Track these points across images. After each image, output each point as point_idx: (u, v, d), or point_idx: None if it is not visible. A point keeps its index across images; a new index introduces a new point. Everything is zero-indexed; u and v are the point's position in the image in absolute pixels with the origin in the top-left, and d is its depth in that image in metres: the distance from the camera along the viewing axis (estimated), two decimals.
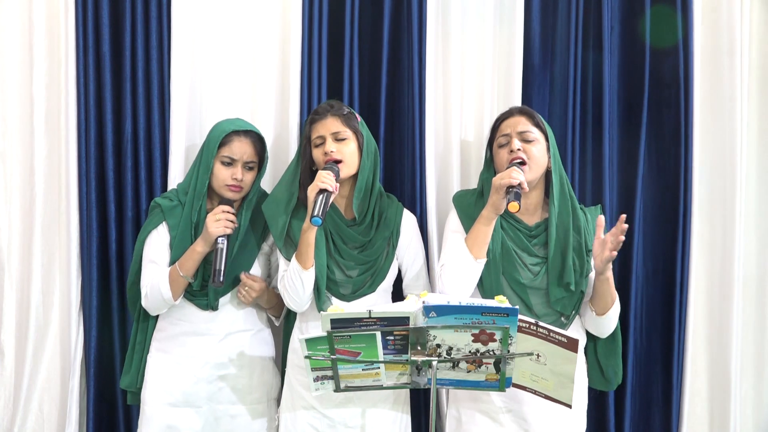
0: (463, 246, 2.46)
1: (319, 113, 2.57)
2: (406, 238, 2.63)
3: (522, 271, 2.51)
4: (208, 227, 2.49)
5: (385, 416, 2.56)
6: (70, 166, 2.86)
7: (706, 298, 3.01)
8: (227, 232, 2.49)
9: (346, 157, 2.51)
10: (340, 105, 2.59)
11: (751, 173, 3.03)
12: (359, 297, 2.57)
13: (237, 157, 2.58)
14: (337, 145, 2.51)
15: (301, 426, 2.55)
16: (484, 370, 2.23)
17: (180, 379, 2.59)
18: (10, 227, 2.92)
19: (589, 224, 2.56)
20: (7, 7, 2.89)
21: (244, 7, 2.93)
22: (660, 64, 2.96)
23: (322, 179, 2.39)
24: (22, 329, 2.92)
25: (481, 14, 2.95)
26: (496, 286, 2.50)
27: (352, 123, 2.55)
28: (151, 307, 2.59)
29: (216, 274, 2.44)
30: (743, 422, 3.02)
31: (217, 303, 2.59)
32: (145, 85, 2.87)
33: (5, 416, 2.92)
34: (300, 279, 2.47)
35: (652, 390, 3.01)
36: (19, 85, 2.91)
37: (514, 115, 2.57)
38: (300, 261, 2.46)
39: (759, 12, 3.01)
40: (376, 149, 2.62)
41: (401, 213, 2.64)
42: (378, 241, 2.59)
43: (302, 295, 2.50)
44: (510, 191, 2.35)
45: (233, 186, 2.58)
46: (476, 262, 2.45)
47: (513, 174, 2.36)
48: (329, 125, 2.53)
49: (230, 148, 2.58)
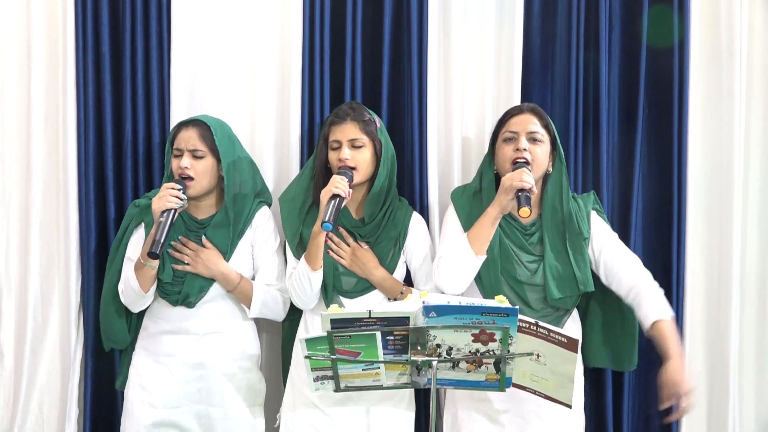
0: (465, 241, 2.47)
1: (339, 116, 2.58)
2: (413, 240, 2.64)
3: (519, 268, 2.53)
4: (152, 206, 2.48)
5: (388, 415, 2.56)
6: (69, 166, 2.85)
7: (704, 298, 3.01)
8: (169, 206, 2.45)
9: (360, 165, 2.53)
10: (361, 110, 2.60)
11: (754, 172, 3.03)
12: (363, 294, 2.58)
13: (182, 146, 2.57)
14: (353, 152, 2.52)
15: (301, 425, 2.54)
16: (484, 370, 2.23)
17: (159, 378, 2.58)
18: (9, 227, 2.91)
19: (581, 211, 2.57)
20: (6, 7, 2.89)
21: (245, 6, 2.93)
22: (658, 64, 2.96)
23: (335, 184, 2.41)
24: (21, 329, 2.91)
25: (482, 14, 2.95)
26: (495, 283, 2.51)
27: (370, 129, 2.56)
28: (128, 302, 2.59)
29: (153, 244, 2.40)
30: (744, 422, 3.02)
31: (192, 299, 2.57)
32: (145, 86, 2.87)
33: (5, 416, 2.92)
34: (308, 280, 2.49)
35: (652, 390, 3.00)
36: (18, 85, 2.90)
37: (525, 112, 2.57)
38: (309, 262, 2.48)
39: (760, 12, 3.01)
40: (393, 155, 2.64)
41: (410, 215, 2.66)
42: (383, 241, 2.60)
43: (310, 295, 2.52)
44: (520, 195, 2.35)
45: (182, 174, 2.54)
46: (476, 258, 2.46)
47: (524, 177, 2.37)
48: (347, 131, 2.54)
49: (177, 140, 2.59)
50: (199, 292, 2.59)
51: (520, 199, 2.35)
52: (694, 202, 3.00)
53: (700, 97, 3.00)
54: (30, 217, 2.90)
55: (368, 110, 2.63)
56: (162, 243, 2.41)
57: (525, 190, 2.36)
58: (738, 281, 2.98)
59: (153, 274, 2.53)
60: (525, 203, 2.33)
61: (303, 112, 2.89)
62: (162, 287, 2.58)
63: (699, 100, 3.00)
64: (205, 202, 2.64)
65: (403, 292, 2.57)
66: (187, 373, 2.58)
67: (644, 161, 2.97)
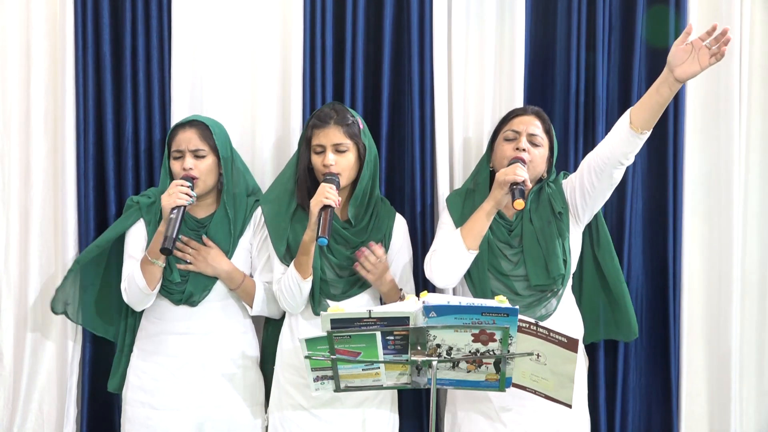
0: (458, 235, 2.49)
1: (321, 119, 2.55)
2: (397, 242, 2.65)
3: (503, 261, 2.55)
4: (162, 203, 2.48)
5: (373, 416, 2.56)
6: (68, 166, 2.85)
7: (704, 299, 3.01)
8: (180, 203, 2.45)
9: (344, 170, 2.52)
10: (344, 112, 2.57)
11: (754, 173, 3.02)
12: (349, 297, 2.58)
13: (183, 148, 2.57)
14: (337, 157, 2.51)
15: (289, 427, 2.55)
16: (484, 370, 2.23)
17: (160, 379, 2.58)
18: (8, 227, 2.91)
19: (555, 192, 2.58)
20: (6, 7, 2.89)
21: (245, 6, 2.93)
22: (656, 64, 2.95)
23: (326, 195, 2.40)
24: (20, 329, 2.91)
25: (482, 15, 2.95)
26: (483, 277, 2.54)
27: (353, 132, 2.54)
28: (132, 300, 2.57)
29: (166, 240, 2.39)
30: (745, 422, 3.02)
31: (195, 298, 2.57)
32: (146, 86, 2.87)
33: (4, 416, 2.92)
34: (299, 287, 2.48)
35: (652, 390, 3.01)
36: (18, 85, 2.90)
37: (529, 114, 2.59)
38: (299, 270, 2.47)
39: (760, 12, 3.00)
40: (376, 157, 2.62)
41: (393, 217, 2.66)
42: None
43: (299, 301, 2.52)
44: (514, 188, 2.36)
45: (186, 175, 2.54)
46: (468, 252, 2.48)
47: (517, 171, 2.39)
48: (331, 136, 2.52)
49: (176, 142, 2.59)
50: (203, 291, 2.58)
51: (515, 192, 2.37)
52: (694, 203, 3.00)
53: (699, 98, 3.00)
54: (29, 217, 2.90)
55: (350, 111, 2.61)
56: (174, 239, 2.40)
57: (519, 183, 2.37)
58: (738, 281, 2.97)
59: (159, 271, 2.52)
60: (519, 196, 2.35)
61: (304, 112, 2.89)
62: (166, 287, 2.57)
63: (699, 100, 3.00)
64: (204, 201, 2.64)
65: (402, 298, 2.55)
66: (188, 373, 2.57)
67: (641, 161, 2.97)
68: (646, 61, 2.96)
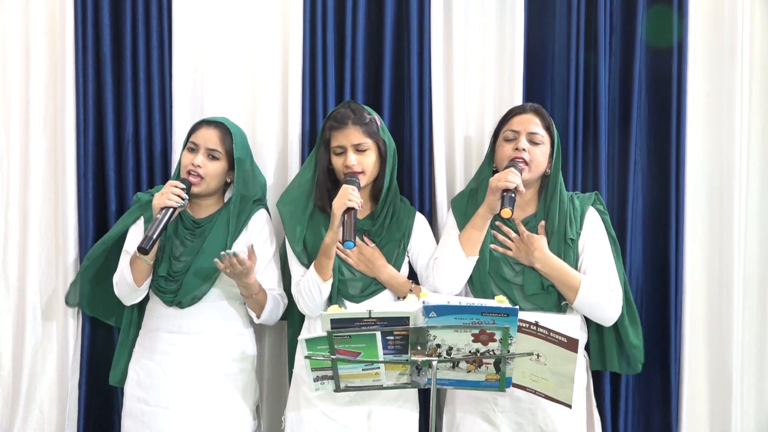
0: (456, 243, 2.50)
1: (339, 120, 2.54)
2: (417, 240, 2.64)
3: (506, 267, 2.54)
4: (153, 202, 2.48)
5: (392, 416, 2.53)
6: (68, 166, 2.85)
7: (705, 299, 3.00)
8: (169, 204, 2.44)
9: (367, 168, 2.52)
10: (360, 111, 2.56)
11: (755, 173, 3.02)
12: (368, 297, 2.57)
13: (200, 143, 2.57)
14: (358, 157, 2.51)
15: (305, 428, 2.53)
16: (484, 370, 2.23)
17: (153, 376, 2.58)
18: (8, 227, 2.91)
19: (576, 212, 2.56)
20: (6, 7, 2.89)
21: (246, 6, 2.93)
22: (657, 64, 2.96)
23: (349, 197, 2.38)
24: (19, 329, 2.91)
25: (482, 15, 2.95)
26: (484, 282, 2.53)
27: (372, 130, 2.54)
28: (121, 294, 2.59)
29: (144, 240, 2.39)
30: (745, 422, 3.02)
31: (183, 300, 2.55)
32: (146, 85, 2.87)
33: (4, 416, 2.92)
34: (319, 289, 2.48)
35: (652, 390, 3.00)
36: (17, 84, 2.90)
37: (528, 112, 2.58)
38: (320, 272, 2.47)
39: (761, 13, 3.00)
40: (395, 150, 2.62)
41: (413, 216, 2.65)
42: (388, 243, 2.60)
43: (319, 303, 2.51)
44: (504, 195, 2.36)
45: (192, 171, 2.54)
46: (467, 259, 2.49)
47: (509, 177, 2.38)
48: (351, 136, 2.51)
49: (196, 135, 2.59)
50: (191, 302, 2.57)
51: (504, 199, 2.36)
52: (695, 203, 3.00)
53: (701, 98, 2.99)
54: (29, 217, 2.90)
55: (367, 109, 2.61)
56: (154, 240, 2.40)
57: (510, 190, 2.36)
58: (739, 281, 2.96)
59: (147, 268, 2.52)
60: (508, 204, 2.35)
61: (304, 111, 2.89)
62: (157, 284, 2.57)
63: (700, 100, 2.99)
64: (206, 202, 2.63)
65: (412, 290, 2.56)
66: (180, 372, 2.56)
67: (643, 161, 2.97)
68: (646, 61, 2.96)
